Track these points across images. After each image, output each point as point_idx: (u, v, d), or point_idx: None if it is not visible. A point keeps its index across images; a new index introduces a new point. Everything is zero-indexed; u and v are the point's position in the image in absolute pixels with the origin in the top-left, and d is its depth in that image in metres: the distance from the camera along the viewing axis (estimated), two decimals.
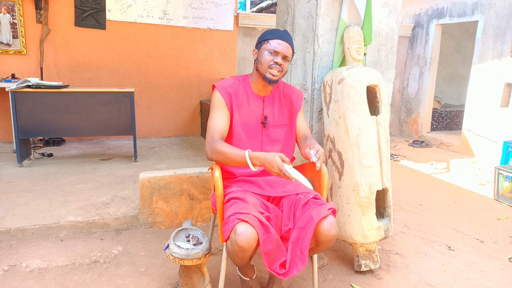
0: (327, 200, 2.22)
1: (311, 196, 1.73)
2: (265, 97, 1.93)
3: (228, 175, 1.93)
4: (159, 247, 2.40)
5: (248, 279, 1.86)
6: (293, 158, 2.04)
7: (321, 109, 2.44)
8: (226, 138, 1.87)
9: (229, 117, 1.85)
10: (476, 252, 2.54)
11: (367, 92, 2.15)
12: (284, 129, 1.97)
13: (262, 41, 1.84)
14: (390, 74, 2.62)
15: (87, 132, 4.00)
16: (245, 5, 9.27)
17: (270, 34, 1.82)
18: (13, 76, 4.42)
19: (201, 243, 1.84)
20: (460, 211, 3.31)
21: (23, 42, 4.65)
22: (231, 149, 1.69)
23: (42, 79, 4.70)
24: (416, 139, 6.57)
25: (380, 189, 2.14)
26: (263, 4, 8.48)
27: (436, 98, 6.92)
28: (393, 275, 2.21)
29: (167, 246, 1.82)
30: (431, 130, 6.73)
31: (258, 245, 1.53)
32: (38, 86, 3.64)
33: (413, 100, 6.75)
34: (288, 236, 1.66)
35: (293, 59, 2.59)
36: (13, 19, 4.58)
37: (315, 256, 1.83)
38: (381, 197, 2.24)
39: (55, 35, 4.78)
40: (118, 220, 2.61)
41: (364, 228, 2.12)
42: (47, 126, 3.77)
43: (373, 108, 2.21)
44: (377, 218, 2.16)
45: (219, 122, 1.81)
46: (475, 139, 5.40)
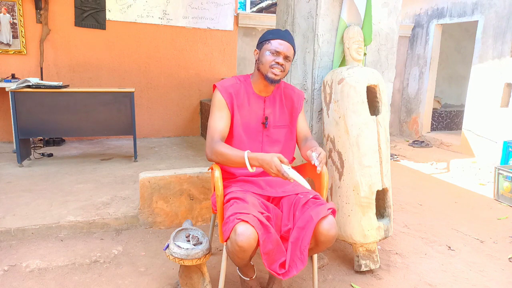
0: (327, 200, 2.22)
1: (311, 196, 1.73)
2: (266, 97, 1.92)
3: (228, 175, 1.92)
4: (159, 247, 2.40)
5: (248, 279, 1.86)
6: (293, 159, 2.04)
7: (321, 109, 2.44)
8: (227, 138, 1.86)
9: (230, 117, 1.84)
10: (476, 252, 2.54)
11: (367, 92, 2.15)
12: (284, 129, 1.96)
13: (263, 41, 1.83)
14: (390, 74, 2.62)
15: (87, 132, 4.00)
16: (245, 5, 9.27)
17: (272, 34, 1.82)
18: (13, 76, 4.42)
19: (201, 243, 1.84)
20: (460, 211, 3.32)
21: (23, 42, 4.65)
22: (230, 150, 1.69)
23: (42, 79, 4.70)
24: (416, 139, 6.57)
25: (380, 189, 2.14)
26: (263, 4, 8.48)
27: (436, 98, 6.92)
28: (393, 275, 2.21)
29: (167, 246, 1.82)
30: (431, 130, 6.73)
31: (258, 245, 1.53)
32: (38, 86, 3.64)
33: (413, 100, 6.75)
34: (288, 236, 1.65)
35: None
36: (13, 19, 4.58)
37: (315, 256, 1.83)
38: (381, 197, 2.24)
39: (55, 35, 4.78)
40: (118, 220, 2.62)
41: (364, 228, 2.12)
42: (47, 126, 3.77)
43: (373, 108, 2.21)
44: (377, 218, 2.16)
45: (219, 122, 1.81)
46: (475, 139, 5.40)
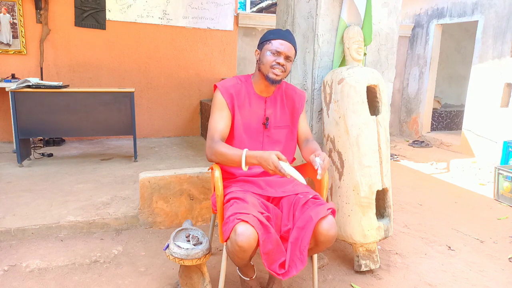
0: (327, 200, 2.22)
1: (311, 196, 1.72)
2: (267, 98, 1.91)
3: (228, 175, 1.92)
4: (159, 247, 2.40)
5: (248, 279, 1.86)
6: (293, 159, 2.04)
7: (321, 109, 2.44)
8: (227, 139, 1.86)
9: (230, 118, 1.84)
10: (476, 252, 2.54)
11: (367, 92, 2.14)
12: (285, 130, 1.96)
13: (264, 41, 1.83)
14: (390, 74, 2.62)
15: (87, 132, 4.00)
16: (245, 5, 9.27)
17: (272, 34, 1.81)
18: (13, 76, 4.42)
19: (201, 243, 1.84)
20: (460, 211, 3.32)
21: (23, 42, 4.65)
22: (230, 150, 1.69)
23: (42, 79, 4.70)
24: (416, 139, 6.57)
25: (380, 189, 2.14)
26: (263, 4, 8.48)
27: (436, 98, 6.92)
28: (393, 275, 2.21)
29: (167, 246, 1.82)
30: (431, 130, 6.73)
31: (258, 245, 1.53)
32: (38, 86, 3.64)
33: (413, 100, 6.75)
34: (288, 236, 1.65)
35: None
36: (13, 19, 4.58)
37: (315, 256, 1.83)
38: (381, 197, 2.24)
39: (55, 35, 4.78)
40: (118, 220, 2.62)
41: (364, 228, 2.12)
42: (47, 126, 3.77)
43: (373, 108, 2.21)
44: (377, 218, 2.16)
45: (219, 123, 1.80)
46: (475, 139, 5.40)
